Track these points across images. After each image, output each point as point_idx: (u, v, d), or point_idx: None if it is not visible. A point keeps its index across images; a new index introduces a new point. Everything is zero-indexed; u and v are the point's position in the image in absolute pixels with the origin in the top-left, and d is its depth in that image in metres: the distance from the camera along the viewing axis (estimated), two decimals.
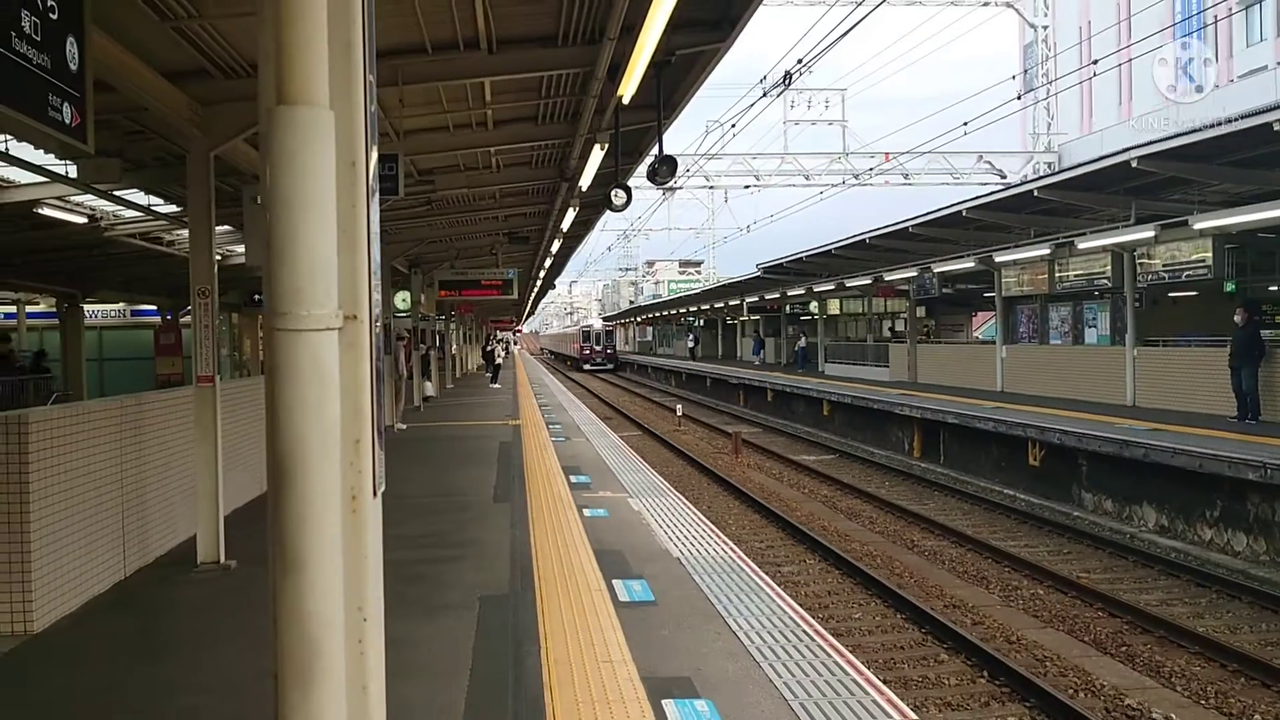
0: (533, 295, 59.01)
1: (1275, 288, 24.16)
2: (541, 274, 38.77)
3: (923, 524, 16.52)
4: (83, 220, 15.67)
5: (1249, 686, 9.18)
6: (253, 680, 4.39)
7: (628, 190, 14.07)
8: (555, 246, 28.06)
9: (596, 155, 13.48)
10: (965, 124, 26.29)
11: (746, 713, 5.38)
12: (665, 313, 78.63)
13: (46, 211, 14.08)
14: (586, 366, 78.76)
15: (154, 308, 30.33)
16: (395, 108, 11.36)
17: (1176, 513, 15.14)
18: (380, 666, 2.24)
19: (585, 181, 15.25)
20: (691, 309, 66.91)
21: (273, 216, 2.03)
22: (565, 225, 21.47)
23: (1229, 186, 19.90)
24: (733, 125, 25.31)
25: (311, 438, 2.01)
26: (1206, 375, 18.84)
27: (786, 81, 19.06)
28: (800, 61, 17.47)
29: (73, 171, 12.15)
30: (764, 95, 19.95)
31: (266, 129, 2.05)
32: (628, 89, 10.23)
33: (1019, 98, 25.40)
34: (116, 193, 14.21)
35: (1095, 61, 23.12)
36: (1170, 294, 25.14)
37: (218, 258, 9.22)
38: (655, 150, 12.70)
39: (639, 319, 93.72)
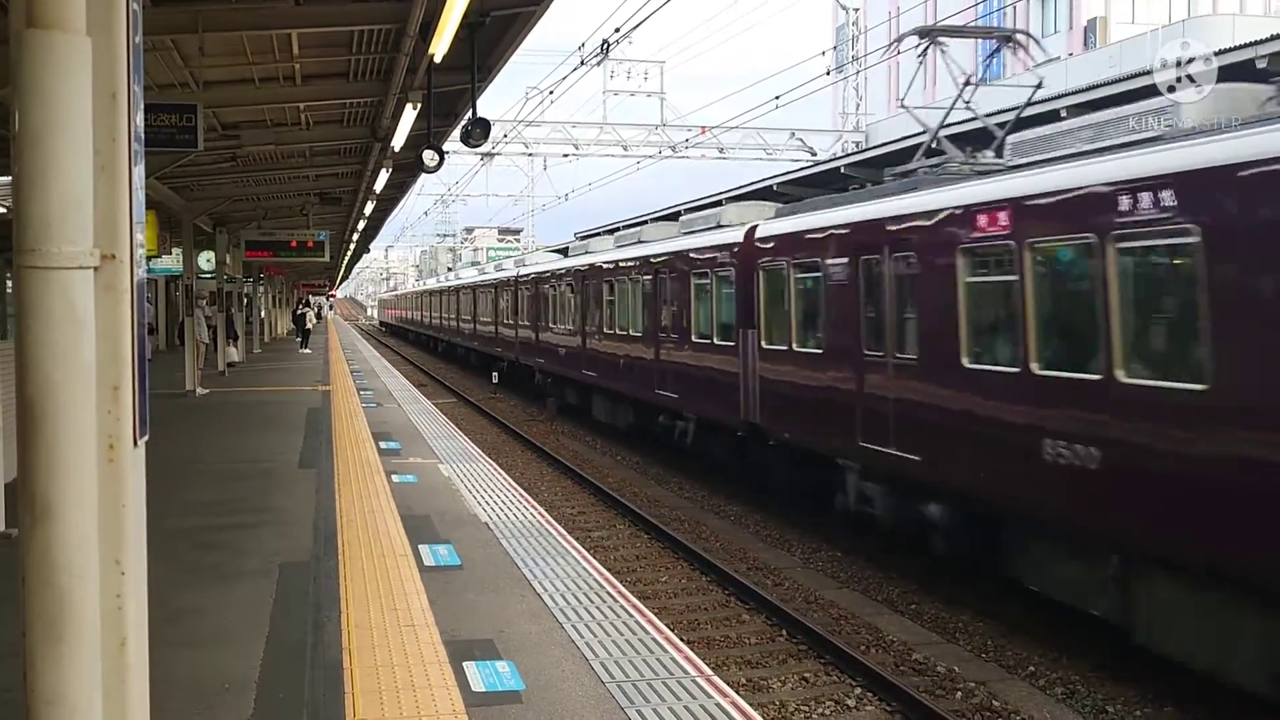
0: (346, 259, 57.63)
1: None
2: (355, 236, 37.87)
3: (730, 489, 16.90)
4: None
5: (1025, 641, 9.76)
6: None
7: (441, 152, 13.89)
8: (369, 209, 27.45)
9: (409, 115, 13.22)
10: (777, 98, 26.85)
11: (547, 672, 5.43)
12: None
13: None
14: None
15: None
16: (195, 56, 10.88)
17: None
18: (142, 623, 2.15)
19: (398, 142, 14.95)
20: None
21: (22, 147, 1.90)
22: (379, 187, 21.02)
23: None
24: (551, 93, 25.17)
25: (63, 382, 1.89)
26: None
27: (604, 50, 19.08)
28: (618, 30, 17.52)
29: None
30: (582, 63, 19.92)
31: (16, 54, 1.91)
32: (439, 47, 10.06)
33: (828, 73, 26.01)
34: None
35: (899, 39, 23.81)
36: None
37: None
38: (469, 113, 12.56)
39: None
